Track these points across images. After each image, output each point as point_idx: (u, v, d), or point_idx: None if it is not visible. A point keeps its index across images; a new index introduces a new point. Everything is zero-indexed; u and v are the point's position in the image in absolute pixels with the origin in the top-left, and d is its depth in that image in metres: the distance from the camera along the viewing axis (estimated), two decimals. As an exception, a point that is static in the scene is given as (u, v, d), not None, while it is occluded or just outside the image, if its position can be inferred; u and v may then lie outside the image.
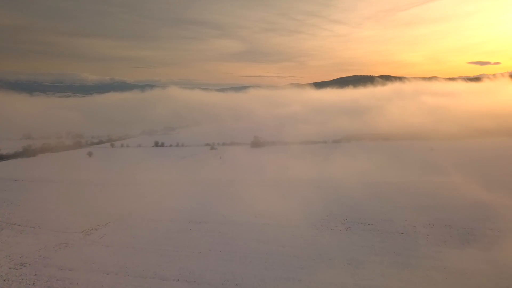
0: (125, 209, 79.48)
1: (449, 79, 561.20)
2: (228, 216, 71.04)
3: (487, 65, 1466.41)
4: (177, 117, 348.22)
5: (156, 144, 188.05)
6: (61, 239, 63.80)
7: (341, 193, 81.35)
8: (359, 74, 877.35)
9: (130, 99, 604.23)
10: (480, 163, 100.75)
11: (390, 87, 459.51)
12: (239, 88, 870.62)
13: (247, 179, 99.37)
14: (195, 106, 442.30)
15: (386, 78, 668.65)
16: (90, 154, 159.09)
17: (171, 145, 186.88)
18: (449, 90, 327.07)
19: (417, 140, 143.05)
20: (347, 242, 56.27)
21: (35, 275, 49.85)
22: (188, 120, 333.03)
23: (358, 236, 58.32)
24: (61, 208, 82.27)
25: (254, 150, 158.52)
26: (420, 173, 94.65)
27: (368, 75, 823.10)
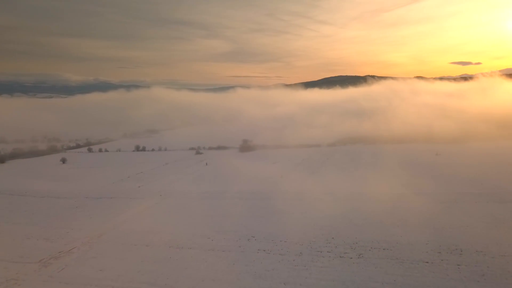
0: (95, 230, 67.91)
1: (440, 78, 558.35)
2: (216, 240, 60.08)
3: (468, 65, 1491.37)
4: (161, 119, 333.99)
5: (137, 149, 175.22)
6: (11, 273, 52.00)
7: (346, 207, 71.05)
8: (344, 74, 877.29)
9: (113, 100, 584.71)
10: (496, 170, 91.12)
11: (382, 86, 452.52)
12: (226, 88, 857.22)
13: (236, 190, 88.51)
14: (181, 107, 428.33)
15: (373, 78, 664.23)
16: (64, 160, 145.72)
17: (153, 150, 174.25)
18: (445, 90, 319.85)
19: (419, 143, 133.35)
20: (363, 276, 45.79)
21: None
22: (173, 121, 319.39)
23: (375, 267, 47.88)
24: (19, 228, 70.13)
25: (243, 155, 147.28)
26: (431, 182, 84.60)
27: (354, 75, 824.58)
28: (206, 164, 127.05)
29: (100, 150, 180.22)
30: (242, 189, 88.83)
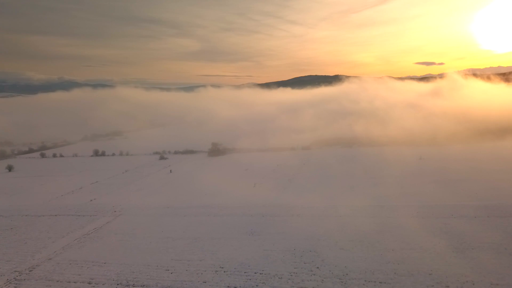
0: (27, 260, 55.21)
1: (411, 78, 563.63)
2: (176, 272, 48.84)
3: (432, 65, 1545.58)
4: (127, 119, 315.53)
5: (96, 153, 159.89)
6: None
7: (328, 225, 61.41)
8: (314, 74, 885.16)
9: (77, 99, 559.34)
10: (489, 178, 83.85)
11: (357, 86, 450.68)
12: (196, 87, 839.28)
13: (202, 204, 77.34)
14: (149, 107, 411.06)
15: (343, 78, 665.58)
16: (10, 168, 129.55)
17: (113, 154, 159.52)
18: (420, 89, 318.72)
19: (400, 145, 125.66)
20: (360, 326, 35.86)
21: None
22: (140, 122, 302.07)
23: (374, 311, 38.15)
24: None
25: (212, 160, 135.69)
26: (421, 192, 76.29)
27: (324, 74, 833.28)
28: (171, 171, 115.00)
29: (55, 156, 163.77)
30: (209, 203, 77.73)
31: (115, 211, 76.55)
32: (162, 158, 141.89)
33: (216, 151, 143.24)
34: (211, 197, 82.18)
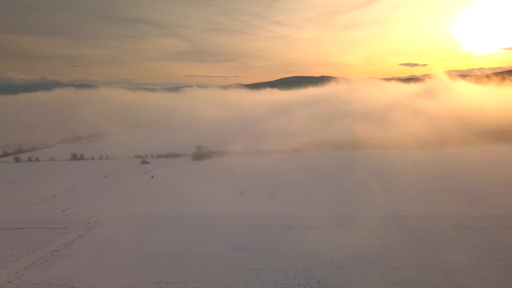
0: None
1: (400, 79, 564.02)
2: (153, 299, 42.77)
3: (416, 66, 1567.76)
4: (110, 121, 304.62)
5: (74, 157, 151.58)
6: None
7: (322, 239, 56.16)
8: (300, 75, 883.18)
9: (59, 99, 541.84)
10: (487, 183, 79.60)
11: (345, 87, 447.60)
12: (182, 87, 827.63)
13: (184, 215, 71.19)
14: (132, 108, 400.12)
15: (328, 79, 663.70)
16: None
17: (93, 158, 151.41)
18: (412, 90, 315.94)
19: (395, 148, 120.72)
20: None
21: None
22: (123, 124, 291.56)
23: None
24: None
25: (197, 164, 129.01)
26: (420, 199, 71.59)
27: (310, 75, 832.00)
28: (152, 177, 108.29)
29: (30, 160, 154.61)
30: (192, 213, 71.57)
31: (89, 223, 69.90)
32: (144, 162, 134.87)
33: (201, 154, 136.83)
34: (194, 207, 76.04)
